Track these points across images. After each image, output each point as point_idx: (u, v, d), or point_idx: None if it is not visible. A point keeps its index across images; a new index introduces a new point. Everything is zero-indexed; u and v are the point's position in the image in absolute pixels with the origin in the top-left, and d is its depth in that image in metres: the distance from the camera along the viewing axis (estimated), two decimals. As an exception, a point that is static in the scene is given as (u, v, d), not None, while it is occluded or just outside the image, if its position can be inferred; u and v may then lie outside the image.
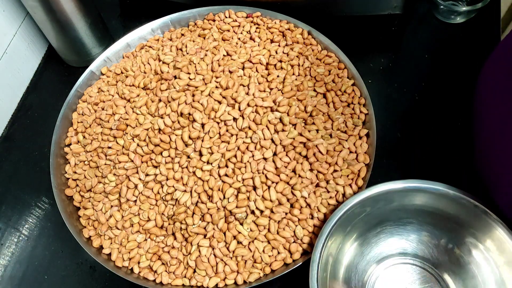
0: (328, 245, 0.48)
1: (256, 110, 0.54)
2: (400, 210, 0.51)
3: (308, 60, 0.60)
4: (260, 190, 0.51)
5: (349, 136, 0.56)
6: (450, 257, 0.51)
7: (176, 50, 0.63)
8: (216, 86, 0.56)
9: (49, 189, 0.56)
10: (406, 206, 0.51)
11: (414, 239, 0.53)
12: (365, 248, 0.52)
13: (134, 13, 0.80)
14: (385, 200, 0.50)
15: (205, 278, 0.50)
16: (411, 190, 0.49)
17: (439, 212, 0.50)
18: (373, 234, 0.53)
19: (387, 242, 0.53)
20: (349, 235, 0.51)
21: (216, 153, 0.52)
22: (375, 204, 0.50)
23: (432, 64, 0.68)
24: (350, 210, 0.49)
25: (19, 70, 0.72)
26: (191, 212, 0.52)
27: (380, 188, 0.49)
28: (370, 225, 0.52)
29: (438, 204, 0.49)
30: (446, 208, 0.49)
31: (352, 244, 0.52)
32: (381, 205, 0.50)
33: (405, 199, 0.50)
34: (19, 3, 0.68)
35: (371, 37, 0.72)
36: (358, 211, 0.50)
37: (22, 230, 0.62)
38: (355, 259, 0.52)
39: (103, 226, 0.54)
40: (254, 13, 0.65)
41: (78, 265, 0.58)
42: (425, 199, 0.50)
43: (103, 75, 0.65)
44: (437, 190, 0.48)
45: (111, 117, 0.58)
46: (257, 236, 0.51)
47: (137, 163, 0.54)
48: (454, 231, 0.50)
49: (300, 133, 0.54)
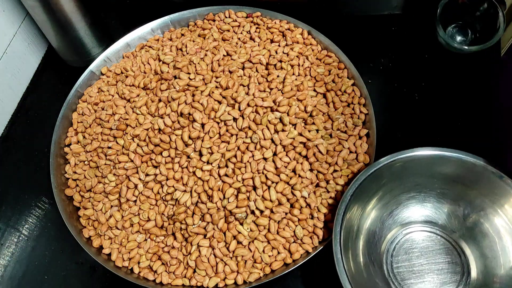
0: (351, 208, 0.49)
1: (256, 110, 0.54)
2: (422, 177, 0.52)
3: (308, 60, 0.60)
4: (260, 190, 0.51)
5: (349, 136, 0.56)
6: (467, 225, 0.52)
7: (176, 50, 0.63)
8: (216, 86, 0.56)
9: (49, 189, 0.56)
10: (427, 174, 0.52)
11: (433, 207, 0.53)
12: (385, 214, 0.53)
13: (134, 13, 0.80)
14: (406, 168, 0.51)
15: (205, 278, 0.50)
16: (432, 158, 0.50)
17: (459, 179, 0.51)
18: (394, 202, 0.53)
19: (407, 209, 0.54)
20: (370, 201, 0.52)
21: (216, 153, 0.52)
22: (396, 171, 0.51)
23: (432, 64, 0.68)
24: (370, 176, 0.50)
25: (19, 70, 0.72)
26: (191, 212, 0.52)
27: (403, 155, 0.50)
28: (392, 193, 0.53)
29: (459, 172, 0.51)
30: (466, 175, 0.50)
31: (373, 209, 0.52)
32: (403, 173, 0.51)
33: (426, 167, 0.51)
34: (19, 3, 0.68)
35: (371, 37, 0.72)
36: (377, 178, 0.51)
37: (22, 230, 0.62)
38: (376, 224, 0.53)
39: (103, 226, 0.54)
40: (254, 13, 0.65)
41: (78, 265, 0.58)
42: (446, 167, 0.51)
43: (103, 75, 0.65)
44: (459, 158, 0.50)
45: (111, 117, 0.58)
46: (257, 236, 0.51)
47: (137, 163, 0.54)
48: (472, 198, 0.51)
49: (300, 133, 0.54)
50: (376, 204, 0.52)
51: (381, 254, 0.52)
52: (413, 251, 0.52)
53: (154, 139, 0.53)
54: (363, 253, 0.50)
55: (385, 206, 0.53)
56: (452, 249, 0.52)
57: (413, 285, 0.50)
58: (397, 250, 0.52)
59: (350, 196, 0.49)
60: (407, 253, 0.52)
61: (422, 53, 0.70)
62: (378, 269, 0.50)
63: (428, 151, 0.51)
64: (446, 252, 0.52)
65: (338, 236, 0.47)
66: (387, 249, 0.52)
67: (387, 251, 0.52)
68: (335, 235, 0.47)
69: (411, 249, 0.52)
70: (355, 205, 0.49)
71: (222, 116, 0.54)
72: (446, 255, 0.52)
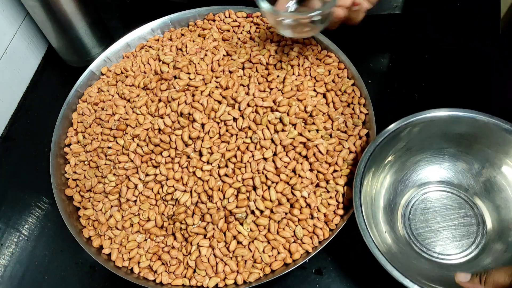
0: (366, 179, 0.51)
1: (256, 110, 0.54)
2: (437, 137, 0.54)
3: (308, 60, 0.60)
4: (260, 190, 0.51)
5: (349, 136, 0.56)
6: (480, 180, 0.54)
7: (176, 50, 0.63)
8: (216, 86, 0.56)
9: (49, 189, 0.56)
10: (438, 135, 0.54)
11: (447, 166, 0.56)
12: (399, 178, 0.55)
13: (134, 13, 0.80)
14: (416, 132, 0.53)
15: (205, 278, 0.50)
16: (442, 119, 0.53)
17: (469, 138, 0.53)
18: (406, 166, 0.56)
19: (420, 172, 0.56)
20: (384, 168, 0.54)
21: (216, 153, 0.52)
22: (414, 131, 0.53)
23: (432, 64, 0.68)
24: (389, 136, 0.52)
25: (19, 70, 0.72)
26: (191, 212, 0.52)
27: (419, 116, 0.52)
28: (409, 153, 0.55)
29: (471, 131, 0.53)
30: (480, 133, 0.53)
31: (386, 176, 0.55)
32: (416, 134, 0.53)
33: (435, 128, 0.53)
34: (19, 3, 0.68)
35: (371, 37, 0.72)
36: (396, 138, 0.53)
37: (22, 230, 0.62)
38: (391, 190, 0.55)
39: (103, 226, 0.54)
40: (254, 13, 0.65)
41: (78, 265, 0.58)
42: (458, 127, 0.53)
43: (103, 75, 0.65)
44: (473, 117, 0.52)
45: (111, 117, 0.58)
46: (257, 236, 0.51)
47: (137, 163, 0.54)
48: (486, 155, 0.54)
49: (300, 133, 0.54)
50: (389, 170, 0.55)
51: (399, 218, 0.54)
52: (428, 211, 0.55)
53: (154, 139, 0.53)
54: (383, 221, 0.52)
55: (398, 171, 0.55)
56: (465, 204, 0.54)
57: (433, 243, 0.53)
58: (413, 213, 0.55)
59: (363, 167, 0.50)
60: (423, 214, 0.54)
61: (422, 53, 0.70)
62: (399, 234, 0.53)
63: (437, 113, 0.53)
64: (460, 207, 0.54)
65: (359, 208, 0.48)
66: (403, 212, 0.55)
67: (404, 215, 0.54)
68: (356, 207, 0.48)
69: (426, 209, 0.55)
70: (369, 174, 0.51)
71: (222, 116, 0.54)
72: (461, 210, 0.54)
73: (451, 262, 0.52)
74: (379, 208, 0.53)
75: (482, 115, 0.52)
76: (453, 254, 0.52)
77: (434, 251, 0.52)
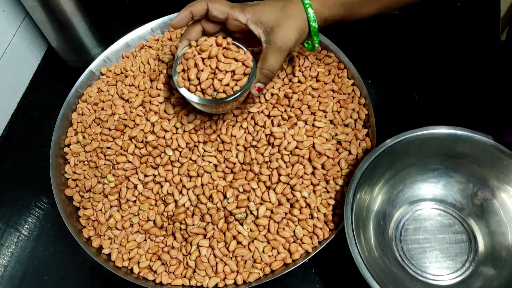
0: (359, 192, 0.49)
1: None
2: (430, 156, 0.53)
3: (308, 60, 0.60)
4: (260, 190, 0.51)
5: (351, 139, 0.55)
6: (474, 202, 0.53)
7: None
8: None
9: (49, 189, 0.56)
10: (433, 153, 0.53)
11: (442, 185, 0.54)
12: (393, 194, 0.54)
13: (134, 13, 0.80)
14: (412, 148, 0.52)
15: (205, 278, 0.50)
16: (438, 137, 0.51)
17: (467, 157, 0.52)
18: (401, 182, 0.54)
19: (414, 188, 0.55)
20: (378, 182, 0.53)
21: (216, 153, 0.52)
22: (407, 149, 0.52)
23: (432, 64, 0.68)
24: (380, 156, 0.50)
25: (19, 70, 0.72)
26: (191, 213, 0.52)
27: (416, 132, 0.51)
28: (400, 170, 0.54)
29: (467, 150, 0.51)
30: (473, 153, 0.51)
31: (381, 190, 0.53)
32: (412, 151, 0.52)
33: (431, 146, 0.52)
34: (19, 3, 0.68)
35: (371, 37, 0.72)
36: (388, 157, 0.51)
37: (22, 230, 0.62)
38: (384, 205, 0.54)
39: (103, 226, 0.54)
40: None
41: (78, 265, 0.58)
42: (455, 145, 0.51)
43: (103, 75, 0.65)
44: (472, 137, 0.50)
45: (111, 117, 0.58)
46: (257, 236, 0.51)
47: (136, 164, 0.54)
48: (479, 176, 0.52)
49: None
50: (384, 185, 0.53)
51: (390, 234, 0.53)
52: (420, 229, 0.53)
53: (153, 142, 0.53)
54: (374, 234, 0.51)
55: (393, 187, 0.54)
56: (458, 224, 0.53)
57: (422, 262, 0.52)
58: (406, 229, 0.53)
59: (357, 180, 0.49)
60: (415, 231, 0.53)
61: (422, 53, 0.70)
62: (388, 249, 0.52)
63: (436, 130, 0.51)
64: (453, 228, 0.53)
65: (350, 220, 0.48)
66: (395, 228, 0.53)
67: (396, 230, 0.53)
68: (347, 219, 0.48)
69: (418, 227, 0.53)
70: (363, 188, 0.50)
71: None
72: (453, 231, 0.53)
73: (443, 284, 0.50)
74: (370, 221, 0.52)
75: (482, 136, 0.50)
76: (445, 275, 0.51)
77: (427, 271, 0.51)
